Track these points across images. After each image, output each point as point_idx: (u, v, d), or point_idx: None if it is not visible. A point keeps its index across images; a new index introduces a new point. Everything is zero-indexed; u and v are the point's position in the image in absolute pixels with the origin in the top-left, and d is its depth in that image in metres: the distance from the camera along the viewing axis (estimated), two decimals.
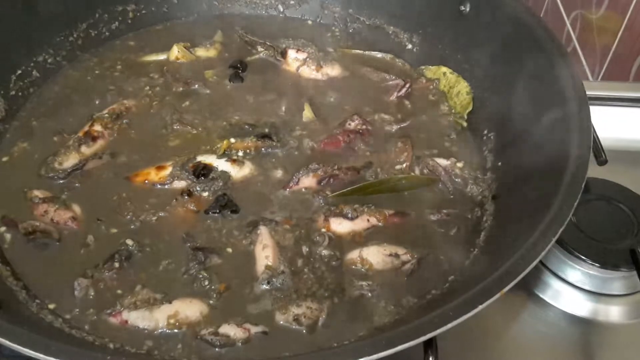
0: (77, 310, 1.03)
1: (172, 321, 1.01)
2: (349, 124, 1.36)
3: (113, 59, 1.53)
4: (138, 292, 1.05)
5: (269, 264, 1.09)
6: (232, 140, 1.31)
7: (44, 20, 1.44)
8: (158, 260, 1.11)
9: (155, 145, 1.32)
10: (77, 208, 1.18)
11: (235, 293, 1.07)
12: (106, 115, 1.35)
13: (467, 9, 1.42)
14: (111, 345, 0.97)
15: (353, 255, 1.13)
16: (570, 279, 1.25)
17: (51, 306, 1.04)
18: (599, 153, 1.23)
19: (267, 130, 1.34)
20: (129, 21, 1.60)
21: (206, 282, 1.07)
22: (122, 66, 1.51)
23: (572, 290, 1.24)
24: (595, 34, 1.75)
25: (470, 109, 1.41)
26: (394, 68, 1.55)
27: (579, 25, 1.79)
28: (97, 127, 1.31)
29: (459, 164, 1.29)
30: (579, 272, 1.24)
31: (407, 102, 1.46)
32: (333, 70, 1.51)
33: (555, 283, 1.25)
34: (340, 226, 1.17)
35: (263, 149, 1.31)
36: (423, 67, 1.53)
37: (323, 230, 1.16)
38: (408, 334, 0.81)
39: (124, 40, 1.59)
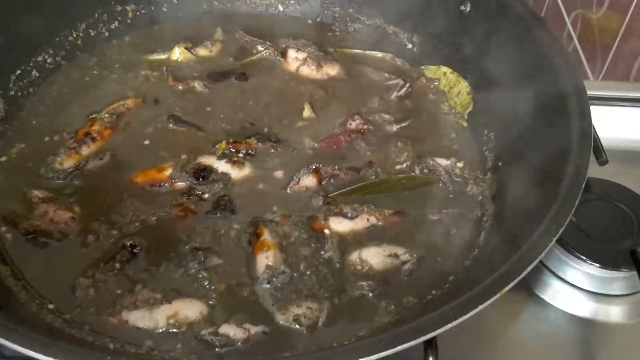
0: (77, 310, 1.03)
1: (171, 321, 1.01)
2: (350, 124, 1.36)
3: (113, 58, 1.52)
4: (138, 292, 1.05)
5: (270, 264, 1.09)
6: (233, 140, 1.30)
7: (43, 20, 1.43)
8: (158, 260, 1.11)
9: (155, 145, 1.31)
10: (77, 208, 1.18)
11: (235, 293, 1.07)
12: (106, 115, 1.34)
13: (467, 9, 1.43)
14: (111, 345, 0.97)
15: (353, 255, 1.13)
16: (570, 279, 1.25)
17: (51, 306, 1.03)
18: (600, 153, 1.23)
19: (267, 130, 1.34)
20: (129, 21, 1.60)
21: (206, 282, 1.07)
22: (122, 66, 1.50)
23: (572, 290, 1.24)
24: (596, 34, 1.75)
25: (470, 108, 1.41)
26: (394, 68, 1.55)
27: (579, 25, 1.78)
28: (97, 127, 1.31)
29: (459, 164, 1.29)
30: (579, 272, 1.24)
31: (407, 102, 1.46)
32: (333, 70, 1.51)
33: (555, 283, 1.25)
34: (340, 225, 1.17)
35: (264, 149, 1.31)
36: (423, 67, 1.53)
37: (324, 230, 1.16)
38: (408, 334, 0.81)
39: (124, 40, 1.58)
